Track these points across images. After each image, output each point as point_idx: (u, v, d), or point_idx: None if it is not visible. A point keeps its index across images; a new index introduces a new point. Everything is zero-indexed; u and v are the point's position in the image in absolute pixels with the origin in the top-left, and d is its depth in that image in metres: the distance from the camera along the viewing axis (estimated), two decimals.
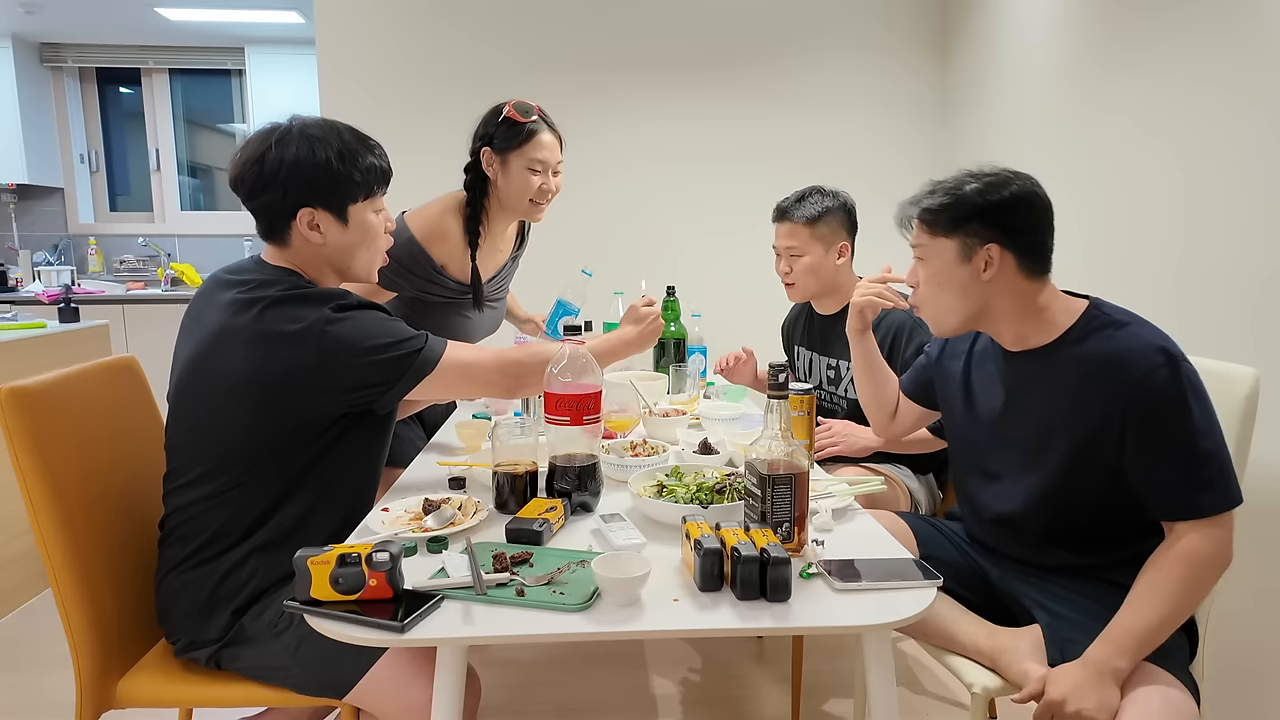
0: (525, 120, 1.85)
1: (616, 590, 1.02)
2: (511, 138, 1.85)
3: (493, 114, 1.89)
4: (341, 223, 1.35)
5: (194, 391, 1.29)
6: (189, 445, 1.31)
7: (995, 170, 1.32)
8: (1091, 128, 2.41)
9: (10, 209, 4.82)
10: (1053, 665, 1.22)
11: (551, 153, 1.89)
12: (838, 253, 2.02)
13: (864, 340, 1.66)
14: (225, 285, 1.31)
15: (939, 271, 1.33)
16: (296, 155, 1.29)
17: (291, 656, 1.25)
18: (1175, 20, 2.06)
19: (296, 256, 1.36)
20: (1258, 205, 1.79)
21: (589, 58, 3.47)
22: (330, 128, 1.34)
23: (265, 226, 1.35)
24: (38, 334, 2.72)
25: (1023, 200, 1.29)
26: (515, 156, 1.85)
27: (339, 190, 1.33)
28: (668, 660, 2.31)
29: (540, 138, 1.86)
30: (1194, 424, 1.18)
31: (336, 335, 1.25)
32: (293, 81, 4.60)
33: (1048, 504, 1.32)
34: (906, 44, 3.53)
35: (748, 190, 3.58)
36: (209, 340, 1.27)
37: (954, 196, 1.31)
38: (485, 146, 1.87)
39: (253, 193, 1.32)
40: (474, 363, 1.39)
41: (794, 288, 2.07)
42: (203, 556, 1.28)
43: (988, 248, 1.28)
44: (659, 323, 1.60)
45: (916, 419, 1.68)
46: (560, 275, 3.50)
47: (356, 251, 1.38)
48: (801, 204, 2.02)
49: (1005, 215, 1.28)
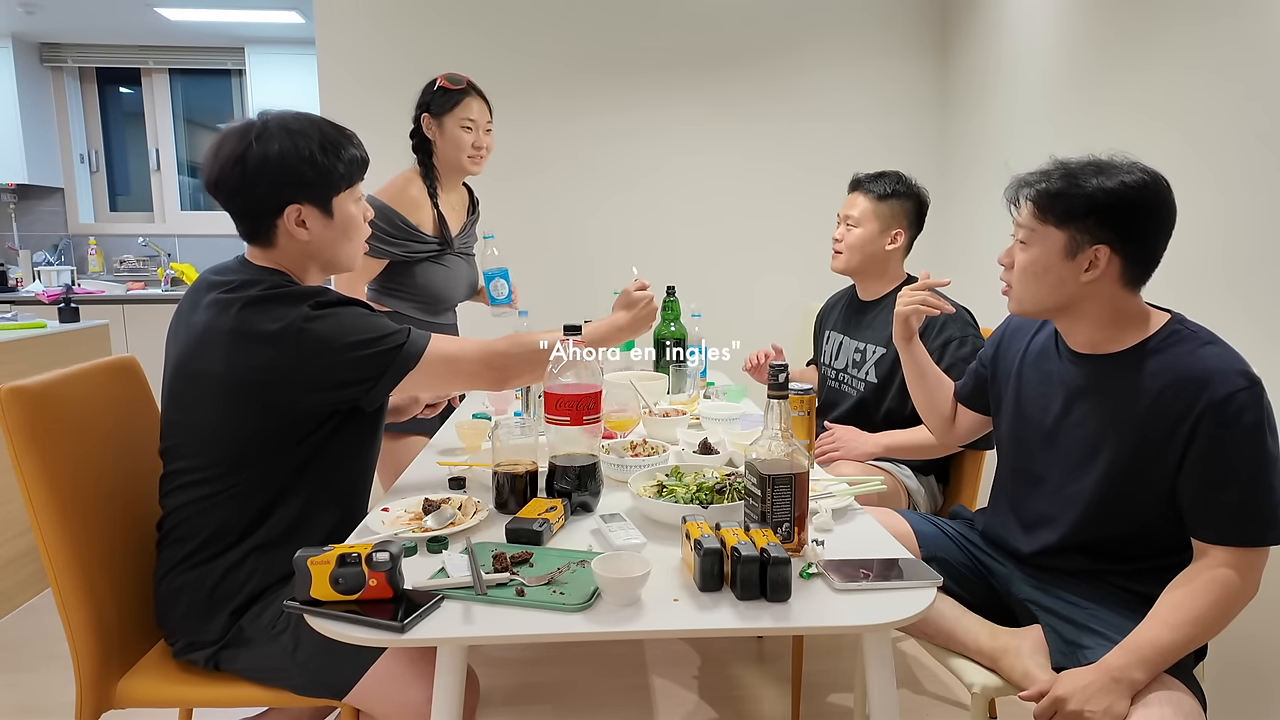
0: (454, 87, 2.13)
1: (616, 590, 1.01)
2: (445, 103, 2.12)
3: (428, 86, 2.16)
4: (327, 216, 1.33)
5: (182, 393, 1.29)
6: (182, 447, 1.30)
7: (1127, 163, 1.23)
8: (1092, 126, 2.41)
9: (10, 209, 4.82)
10: (1055, 667, 1.22)
11: (481, 113, 2.15)
12: (891, 238, 2.03)
13: (911, 348, 1.62)
14: (210, 286, 1.30)
15: (1039, 260, 1.27)
16: (280, 150, 1.26)
17: (290, 658, 1.25)
18: (1174, 17, 2.05)
19: (281, 255, 1.34)
20: (1258, 203, 1.79)
21: (589, 57, 3.47)
22: (308, 120, 1.32)
23: (249, 227, 1.33)
24: (38, 334, 2.72)
25: (1147, 205, 1.20)
26: (449, 119, 2.12)
27: (324, 183, 1.31)
28: (668, 660, 2.31)
29: (469, 101, 2.13)
30: (1265, 454, 1.15)
31: (316, 333, 1.24)
32: (293, 81, 4.60)
33: (1090, 510, 1.29)
34: (907, 43, 3.53)
35: (748, 189, 3.58)
36: (194, 342, 1.27)
37: (1075, 187, 1.22)
38: (424, 113, 2.14)
39: (236, 192, 1.29)
40: (458, 355, 1.37)
41: (839, 256, 2.10)
42: (200, 557, 1.28)
43: (1096, 248, 1.22)
44: (653, 307, 1.57)
45: (975, 425, 1.62)
46: (560, 272, 3.52)
47: (340, 244, 1.37)
48: (877, 180, 2.06)
49: (1125, 219, 1.21)
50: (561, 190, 3.54)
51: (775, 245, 3.61)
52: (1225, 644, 1.78)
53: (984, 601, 1.44)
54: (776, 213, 3.59)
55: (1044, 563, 1.37)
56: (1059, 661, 1.22)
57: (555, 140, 3.50)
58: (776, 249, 3.61)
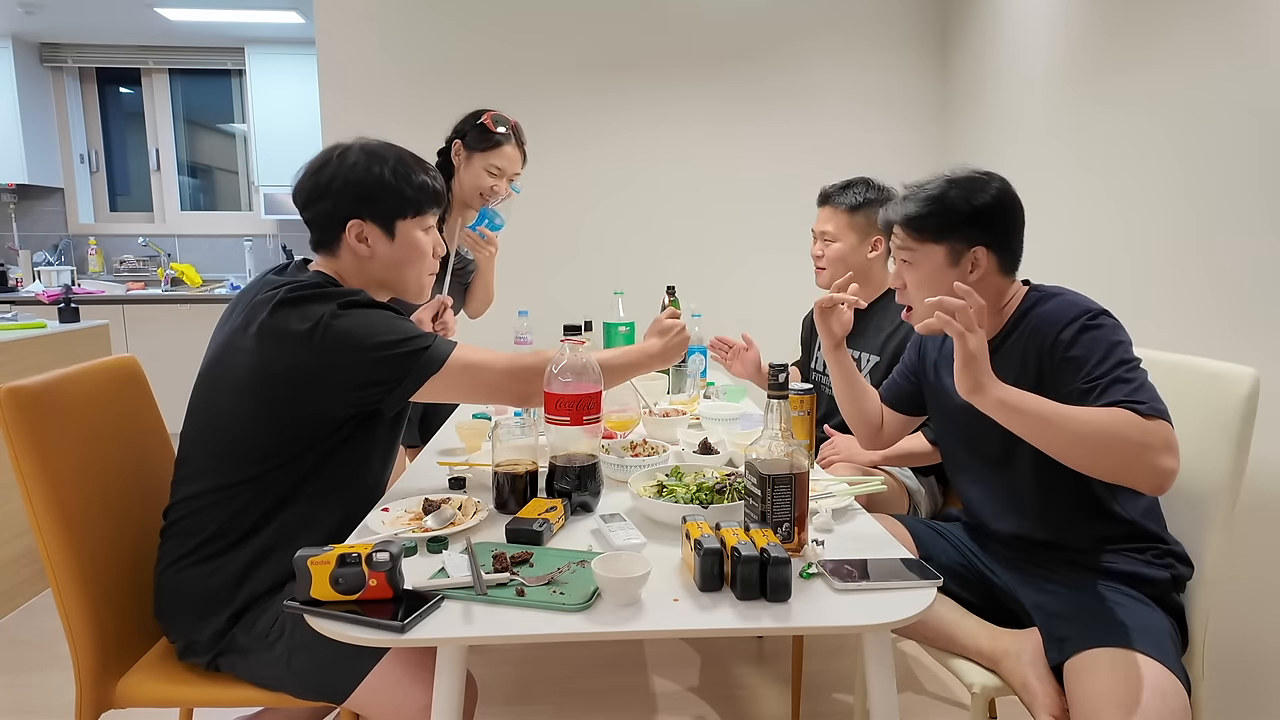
0: (495, 130, 2.11)
1: (616, 590, 1.01)
2: (481, 141, 2.12)
3: (473, 115, 2.15)
4: (389, 237, 1.37)
5: (212, 386, 1.30)
6: (202, 439, 1.31)
7: (971, 173, 1.39)
8: (1091, 127, 2.41)
9: (10, 209, 4.82)
10: (1052, 665, 1.22)
11: (511, 163, 2.15)
12: (871, 245, 2.04)
13: (839, 355, 1.65)
14: (266, 285, 1.31)
15: (928, 276, 1.39)
16: (353, 166, 1.35)
17: (285, 667, 1.25)
18: (1174, 18, 2.06)
19: (342, 267, 1.39)
20: (1258, 203, 1.79)
21: (589, 58, 3.47)
22: (390, 147, 1.40)
23: (316, 236, 1.39)
24: (38, 334, 2.72)
25: (1003, 202, 1.37)
26: (479, 157, 2.12)
27: (388, 203, 1.36)
28: (668, 660, 2.31)
29: (505, 149, 2.13)
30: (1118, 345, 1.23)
31: (341, 330, 1.24)
32: (293, 81, 4.60)
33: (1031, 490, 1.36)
34: (906, 44, 3.53)
35: (748, 189, 3.58)
36: (232, 333, 1.29)
37: (940, 204, 1.37)
38: (458, 140, 2.14)
39: (308, 201, 1.36)
40: (483, 364, 1.35)
41: (823, 272, 2.10)
42: (202, 554, 1.28)
43: (974, 250, 1.36)
44: (684, 336, 1.54)
45: (901, 426, 1.69)
46: (559, 272, 3.52)
47: (404, 269, 1.40)
48: (845, 192, 2.05)
49: (989, 219, 1.35)
50: (561, 190, 3.54)
51: (776, 245, 3.61)
52: (1224, 642, 1.78)
53: (983, 602, 1.44)
54: (777, 212, 3.59)
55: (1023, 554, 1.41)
56: (1054, 659, 1.22)
57: (555, 139, 3.50)
58: (777, 248, 3.61)
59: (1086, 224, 2.43)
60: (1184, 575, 1.32)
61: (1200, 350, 1.94)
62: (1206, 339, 1.93)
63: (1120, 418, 1.15)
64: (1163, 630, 1.21)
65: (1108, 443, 1.14)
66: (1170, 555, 1.32)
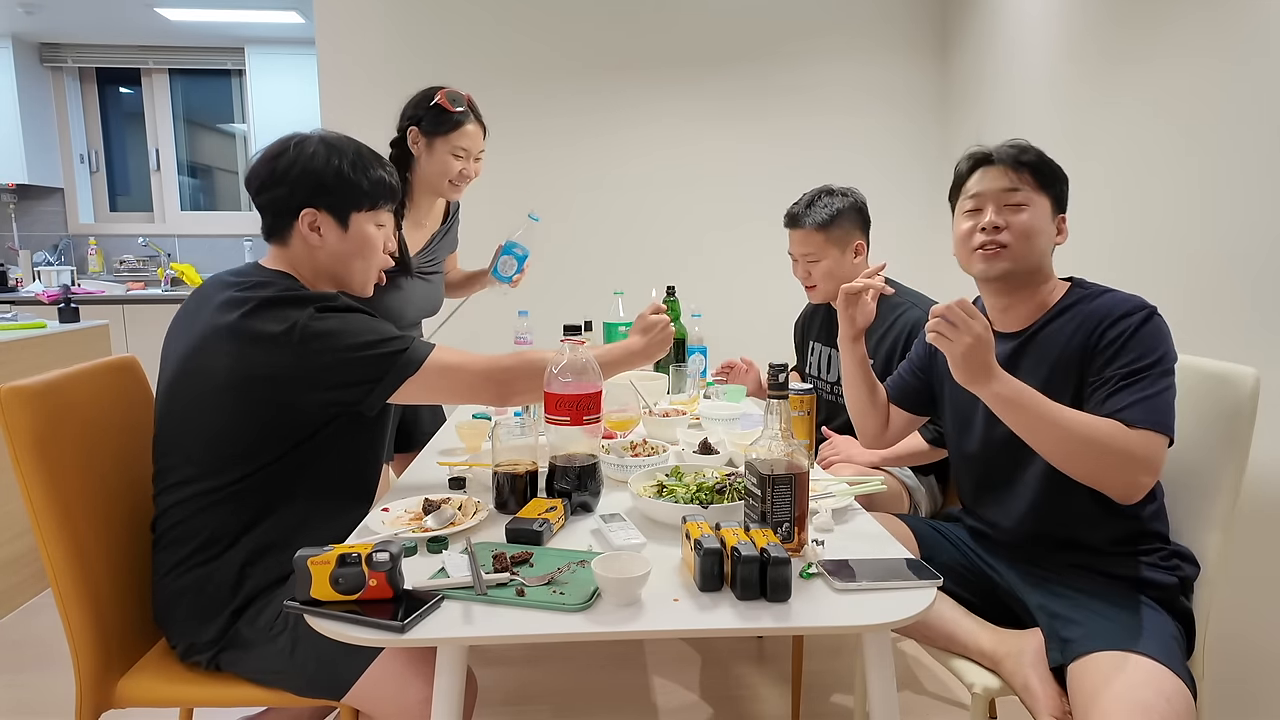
0: (454, 110, 1.95)
1: (616, 590, 1.01)
2: (439, 123, 1.94)
3: (424, 97, 1.98)
4: (342, 228, 1.37)
5: (184, 390, 1.29)
6: (180, 445, 1.30)
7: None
8: (1092, 122, 2.41)
9: (10, 209, 4.82)
10: (1054, 668, 1.22)
11: (474, 141, 1.98)
12: (854, 252, 2.02)
13: (856, 348, 1.63)
14: (222, 286, 1.31)
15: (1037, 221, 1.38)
16: (312, 156, 1.34)
17: (288, 660, 1.25)
18: (1175, 10, 2.05)
19: (294, 259, 1.37)
20: (1259, 201, 1.79)
21: (589, 57, 3.47)
22: (350, 140, 1.40)
23: (268, 224, 1.38)
24: (38, 334, 2.72)
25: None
26: (440, 141, 1.95)
27: (344, 195, 1.36)
28: (668, 660, 2.31)
29: (466, 127, 1.96)
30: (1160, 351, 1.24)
31: (318, 332, 1.25)
32: (293, 81, 4.60)
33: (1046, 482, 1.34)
34: (907, 40, 3.53)
35: (749, 188, 3.58)
36: (200, 339, 1.27)
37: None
38: (413, 126, 1.96)
39: (262, 188, 1.35)
40: (460, 366, 1.36)
41: (815, 290, 2.08)
42: (197, 560, 1.28)
43: (1061, 217, 1.42)
44: (669, 332, 1.54)
45: (906, 425, 1.68)
46: (558, 272, 3.52)
47: (352, 261, 1.40)
48: (812, 209, 2.01)
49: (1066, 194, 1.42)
50: (561, 189, 3.54)
51: (777, 244, 3.59)
52: (1225, 642, 1.78)
53: (984, 603, 1.44)
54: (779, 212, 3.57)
55: (1031, 554, 1.40)
56: (1056, 660, 1.22)
57: (557, 138, 3.50)
58: (778, 248, 3.59)
59: (1087, 220, 2.43)
60: (1190, 576, 1.32)
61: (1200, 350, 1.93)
62: (1207, 338, 1.92)
63: (1108, 428, 1.19)
64: (1168, 634, 1.21)
65: (1089, 449, 1.20)
66: (1176, 556, 1.32)
